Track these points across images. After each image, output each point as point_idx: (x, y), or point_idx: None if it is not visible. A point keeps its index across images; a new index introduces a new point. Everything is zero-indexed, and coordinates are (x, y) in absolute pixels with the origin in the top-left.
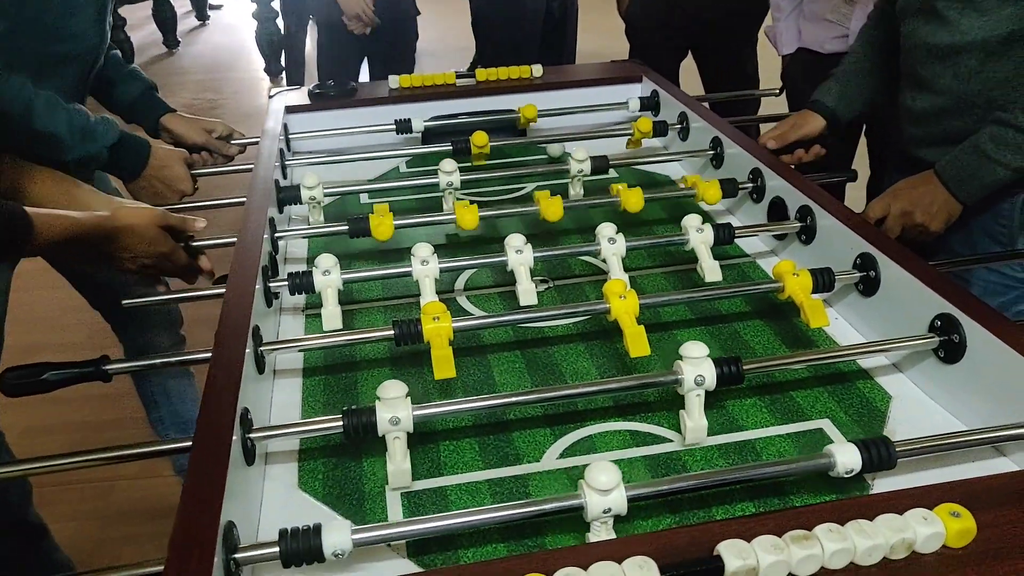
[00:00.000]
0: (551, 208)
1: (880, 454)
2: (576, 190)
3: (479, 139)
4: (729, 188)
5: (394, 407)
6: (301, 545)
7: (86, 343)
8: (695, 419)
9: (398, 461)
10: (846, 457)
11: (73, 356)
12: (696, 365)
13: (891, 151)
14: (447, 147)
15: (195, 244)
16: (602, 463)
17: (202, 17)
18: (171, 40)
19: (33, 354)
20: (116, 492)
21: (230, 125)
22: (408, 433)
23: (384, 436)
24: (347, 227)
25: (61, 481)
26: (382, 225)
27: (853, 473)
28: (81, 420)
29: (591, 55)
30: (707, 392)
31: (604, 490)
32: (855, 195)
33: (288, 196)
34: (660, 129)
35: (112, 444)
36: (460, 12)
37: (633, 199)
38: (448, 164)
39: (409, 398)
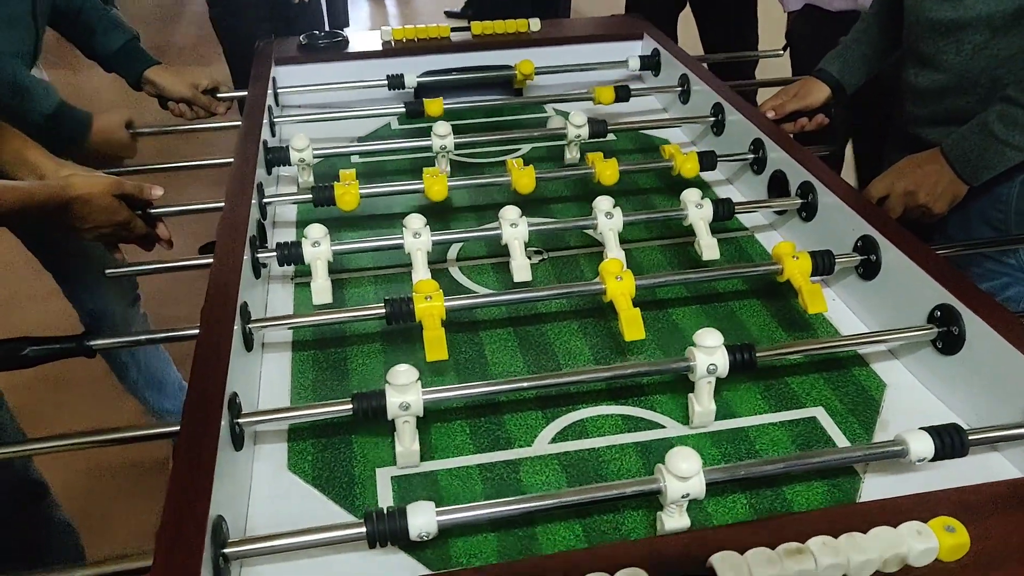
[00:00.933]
0: (523, 179)
1: (953, 442)
2: (573, 154)
3: (434, 108)
4: (708, 161)
5: (404, 392)
6: (388, 527)
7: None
8: (704, 404)
9: (407, 444)
10: (919, 445)
11: (50, 305)
12: (709, 354)
13: (892, 127)
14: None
15: (181, 211)
16: (683, 450)
17: None
18: None
19: (10, 306)
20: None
21: (216, 76)
22: (418, 416)
23: (393, 419)
24: (311, 196)
25: (50, 433)
26: (347, 195)
27: (925, 461)
28: (57, 376)
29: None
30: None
31: (684, 477)
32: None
33: (277, 158)
34: (623, 95)
35: (89, 398)
36: None
37: (608, 171)
38: (442, 127)
39: (419, 383)
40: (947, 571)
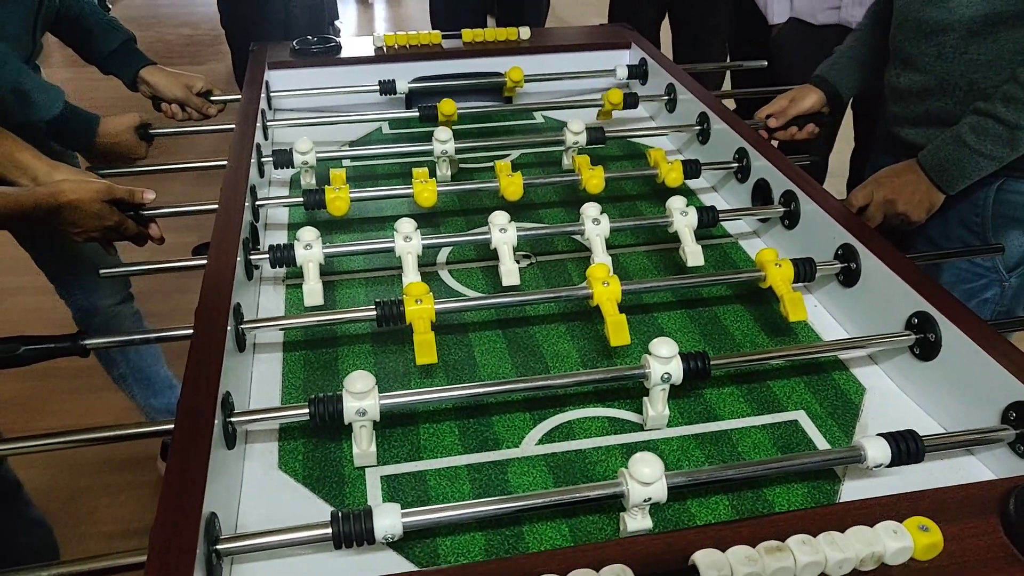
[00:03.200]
0: (511, 187)
1: (909, 448)
2: (569, 160)
3: (447, 107)
4: (692, 169)
5: (361, 399)
6: (353, 528)
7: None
8: (657, 410)
9: (364, 447)
10: (876, 451)
11: (44, 299)
12: (664, 363)
13: (879, 129)
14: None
15: (175, 212)
16: (646, 455)
17: None
18: None
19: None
20: None
21: (210, 81)
22: (375, 421)
23: (351, 424)
24: (302, 200)
25: (34, 429)
26: (338, 199)
27: (882, 467)
28: (45, 366)
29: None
30: (674, 385)
31: (647, 482)
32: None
33: (280, 160)
34: (631, 102)
35: (77, 389)
36: None
37: (594, 180)
38: (443, 132)
39: (376, 389)
40: (921, 570)
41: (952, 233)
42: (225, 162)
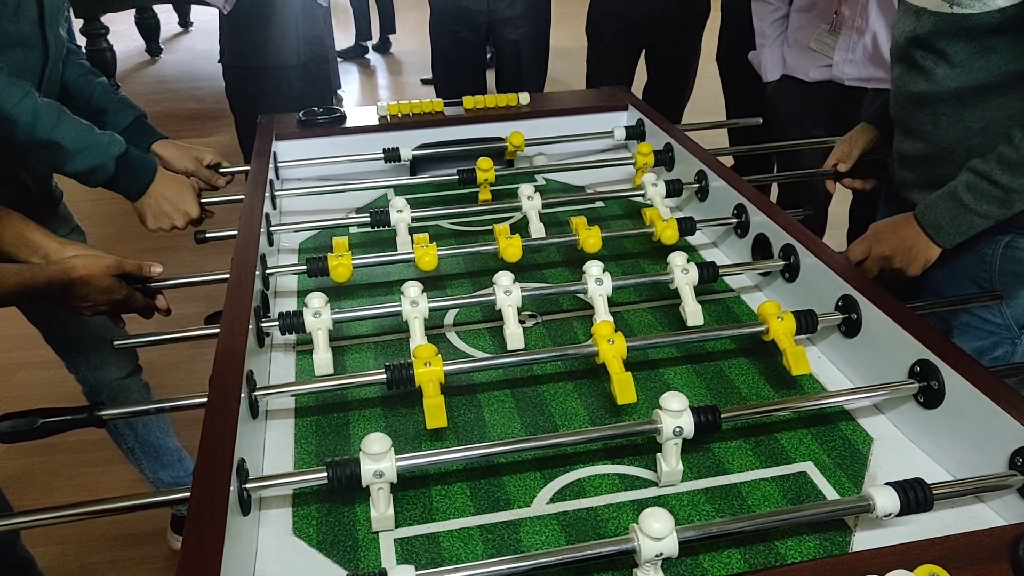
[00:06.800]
0: (510, 249)
1: (917, 497)
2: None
3: (484, 163)
4: (687, 227)
5: (378, 461)
6: None
7: None
8: (671, 465)
9: (382, 509)
10: (885, 500)
11: (54, 374)
12: (675, 417)
13: (885, 189)
14: (432, 178)
15: (183, 283)
16: (656, 510)
17: (184, 24)
18: (154, 48)
19: (10, 373)
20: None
21: (218, 153)
22: (392, 483)
23: (368, 486)
24: (305, 267)
25: (43, 501)
26: (340, 266)
27: (891, 516)
28: (53, 440)
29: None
30: (685, 440)
31: (658, 537)
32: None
33: (376, 220)
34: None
35: (86, 458)
36: None
37: (591, 240)
38: (527, 188)
39: (392, 450)
40: None
41: (962, 288)
42: (235, 232)
